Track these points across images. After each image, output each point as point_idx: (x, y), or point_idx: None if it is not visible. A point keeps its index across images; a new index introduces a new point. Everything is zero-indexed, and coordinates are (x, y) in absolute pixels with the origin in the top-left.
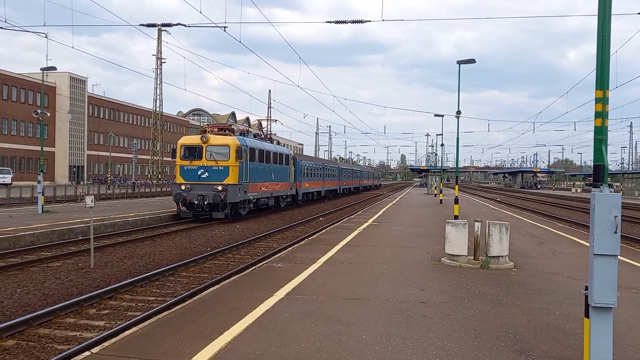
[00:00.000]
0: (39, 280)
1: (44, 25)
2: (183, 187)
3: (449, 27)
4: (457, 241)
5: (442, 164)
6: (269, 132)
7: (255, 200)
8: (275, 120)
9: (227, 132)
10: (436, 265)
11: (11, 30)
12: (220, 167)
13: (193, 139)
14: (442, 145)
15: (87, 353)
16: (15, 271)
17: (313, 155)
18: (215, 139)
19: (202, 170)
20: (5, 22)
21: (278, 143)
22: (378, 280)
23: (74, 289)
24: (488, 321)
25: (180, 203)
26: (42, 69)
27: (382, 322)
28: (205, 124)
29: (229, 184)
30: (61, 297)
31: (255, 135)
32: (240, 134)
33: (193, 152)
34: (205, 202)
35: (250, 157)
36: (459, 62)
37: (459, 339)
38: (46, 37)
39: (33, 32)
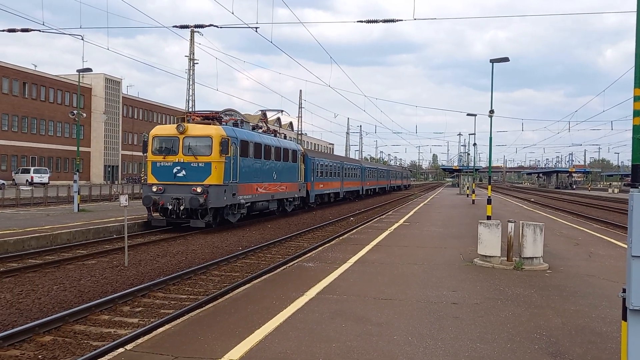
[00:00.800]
0: (75, 278)
1: (80, 28)
2: (155, 189)
3: (482, 26)
4: (490, 242)
5: (474, 163)
6: (300, 132)
7: (249, 204)
8: (282, 111)
9: (214, 121)
10: (468, 266)
11: (49, 33)
12: (200, 164)
13: (167, 129)
14: (474, 144)
15: (121, 350)
16: (52, 269)
17: (344, 155)
18: (194, 129)
19: (178, 168)
20: (43, 24)
21: (300, 139)
22: (409, 280)
23: (108, 286)
24: (522, 323)
25: (151, 208)
26: (79, 71)
27: (414, 322)
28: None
29: (210, 185)
30: (96, 294)
31: (255, 128)
32: (234, 124)
33: (168, 145)
34: (182, 207)
35: (242, 152)
36: (492, 61)
37: (492, 341)
38: (82, 39)
39: (70, 34)
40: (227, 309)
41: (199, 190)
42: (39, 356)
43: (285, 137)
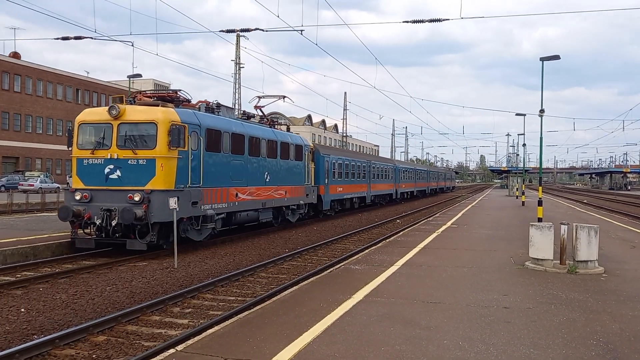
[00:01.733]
0: (127, 279)
1: (130, 35)
2: (78, 197)
3: (531, 24)
4: (541, 245)
5: (524, 164)
6: (344, 134)
7: (223, 215)
8: (284, 97)
9: (167, 103)
10: (519, 269)
11: (101, 40)
12: (140, 162)
13: (98, 113)
14: (524, 145)
15: (171, 350)
16: (105, 270)
17: (390, 157)
18: (133, 112)
19: (111, 167)
20: (95, 32)
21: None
22: (458, 284)
23: (159, 287)
24: (577, 329)
25: (74, 223)
26: (129, 77)
27: (464, 327)
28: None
29: (153, 191)
30: (147, 295)
31: (245, 116)
32: (208, 109)
33: (98, 136)
34: (113, 223)
35: (210, 145)
36: (542, 59)
37: (546, 347)
38: (132, 45)
39: (120, 41)
40: (275, 310)
41: (136, 198)
42: (93, 356)
43: (289, 130)
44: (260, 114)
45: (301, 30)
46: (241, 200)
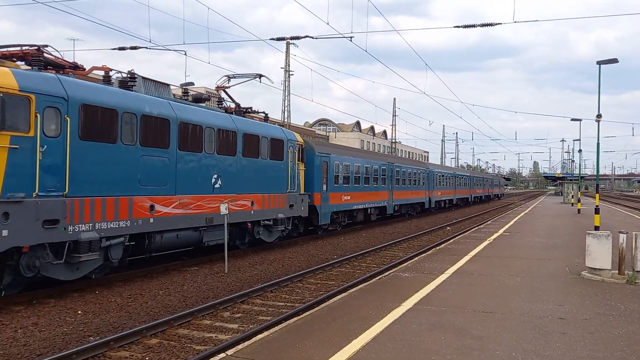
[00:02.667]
0: (179, 283)
1: (184, 44)
2: None
3: (586, 26)
4: (599, 254)
5: (579, 171)
6: (393, 140)
7: (124, 240)
8: (260, 76)
9: (5, 61)
10: (575, 279)
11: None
12: None
13: None
14: (579, 151)
15: (222, 355)
16: (158, 274)
17: (440, 163)
18: None
19: None
20: (150, 42)
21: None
22: (510, 293)
23: (209, 292)
24: (637, 342)
25: None
26: (182, 85)
27: (517, 337)
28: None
29: None
30: (198, 299)
31: (199, 100)
32: (123, 85)
33: None
34: None
35: (88, 131)
36: (599, 63)
37: (604, 359)
38: (185, 54)
39: (174, 50)
40: (324, 317)
41: None
42: (146, 358)
43: (267, 119)
44: (225, 96)
45: (351, 37)
46: (162, 216)
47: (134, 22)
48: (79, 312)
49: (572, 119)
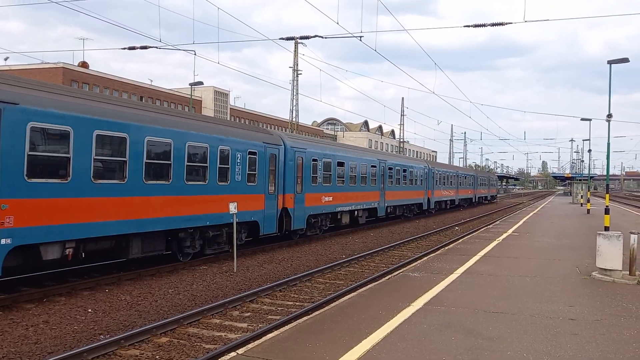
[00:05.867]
0: (188, 282)
1: (193, 44)
2: None
3: (597, 24)
4: (609, 254)
5: (589, 171)
6: (402, 140)
7: None
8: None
9: None
10: (586, 280)
11: (163, 49)
12: None
13: None
14: (589, 151)
15: (233, 353)
16: (167, 273)
17: (447, 163)
18: None
19: None
20: (160, 41)
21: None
22: (521, 293)
23: (219, 291)
24: None
25: None
26: (191, 84)
27: (528, 338)
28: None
29: None
30: (207, 298)
31: None
32: None
33: None
34: None
35: None
36: (610, 62)
37: None
38: (195, 54)
39: (184, 50)
40: (333, 316)
41: None
42: (157, 356)
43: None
44: None
45: (360, 37)
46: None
47: (143, 22)
48: (89, 310)
49: (582, 119)
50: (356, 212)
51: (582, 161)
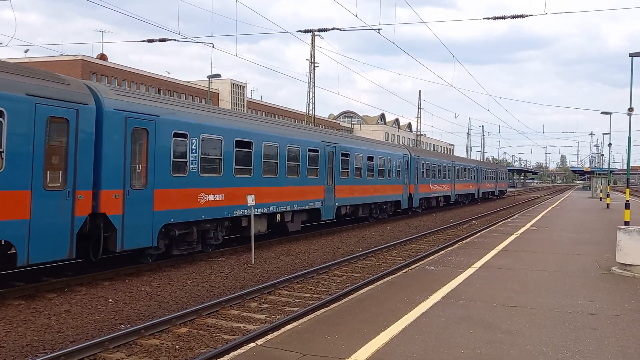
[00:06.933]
0: (206, 274)
1: (212, 36)
2: None
3: (619, 17)
4: (630, 249)
5: (609, 164)
6: (419, 133)
7: None
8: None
9: None
10: (605, 274)
11: (182, 42)
12: None
13: None
14: (609, 145)
15: (252, 344)
16: (186, 264)
17: (465, 156)
18: None
19: None
20: (179, 34)
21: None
22: (540, 288)
23: (237, 282)
24: None
25: None
26: (209, 77)
27: (547, 332)
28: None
29: None
30: (225, 290)
31: None
32: None
33: None
34: None
35: None
36: (632, 55)
37: (636, 356)
38: (213, 46)
39: (202, 42)
40: (351, 309)
41: None
42: (176, 346)
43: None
44: None
45: (379, 29)
46: None
47: (161, 14)
48: (110, 300)
49: (602, 112)
50: (279, 217)
51: (602, 155)
